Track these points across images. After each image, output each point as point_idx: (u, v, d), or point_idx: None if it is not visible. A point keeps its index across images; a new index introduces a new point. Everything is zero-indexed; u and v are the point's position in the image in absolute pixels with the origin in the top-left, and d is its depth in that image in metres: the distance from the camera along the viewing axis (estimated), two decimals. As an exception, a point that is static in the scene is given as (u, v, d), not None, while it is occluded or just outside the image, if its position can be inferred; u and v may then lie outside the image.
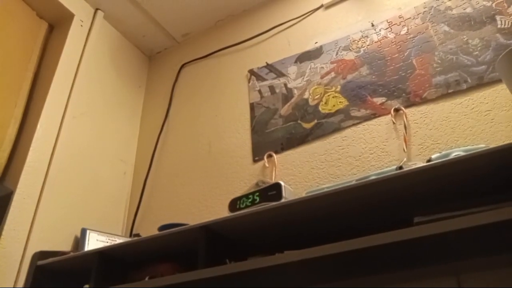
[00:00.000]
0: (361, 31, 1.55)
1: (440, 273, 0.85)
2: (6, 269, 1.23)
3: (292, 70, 1.64)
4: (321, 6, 1.73)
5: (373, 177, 0.91)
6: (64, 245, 1.41)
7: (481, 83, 1.21)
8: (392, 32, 1.48)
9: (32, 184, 1.38)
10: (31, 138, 1.43)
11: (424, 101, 1.29)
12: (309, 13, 1.75)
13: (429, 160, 0.95)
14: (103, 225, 1.57)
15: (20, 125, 1.49)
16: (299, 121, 1.50)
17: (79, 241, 1.42)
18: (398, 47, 1.43)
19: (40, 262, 1.26)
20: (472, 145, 1.10)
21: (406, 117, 1.29)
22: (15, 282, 1.23)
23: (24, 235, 1.31)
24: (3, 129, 1.42)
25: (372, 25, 1.54)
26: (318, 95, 1.52)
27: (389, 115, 1.33)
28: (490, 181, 0.86)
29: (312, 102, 1.52)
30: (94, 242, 1.41)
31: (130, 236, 1.60)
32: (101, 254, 1.20)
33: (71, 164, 1.55)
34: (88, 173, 1.62)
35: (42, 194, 1.39)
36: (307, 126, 1.48)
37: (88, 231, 1.43)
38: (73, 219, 1.48)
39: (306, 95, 1.55)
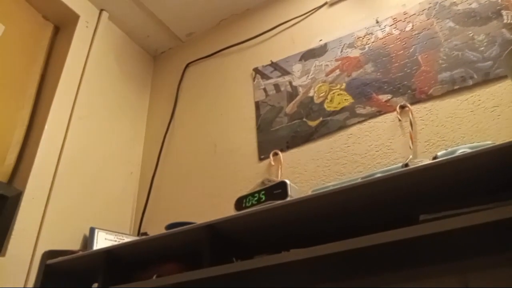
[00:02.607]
0: (365, 28, 1.55)
1: (446, 271, 0.84)
2: (17, 269, 1.25)
3: (297, 68, 1.64)
4: (325, 3, 1.73)
5: (378, 175, 0.91)
6: (73, 244, 1.43)
7: (487, 79, 1.20)
8: (397, 29, 1.47)
9: (41, 184, 1.40)
10: (38, 139, 1.45)
11: (430, 97, 1.28)
12: (313, 11, 1.75)
13: (435, 157, 0.95)
14: (111, 224, 1.58)
15: (28, 126, 1.50)
16: (304, 119, 1.51)
17: (88, 240, 1.43)
18: (403, 43, 1.42)
19: (49, 261, 1.28)
20: (479, 142, 1.09)
21: (411, 114, 1.29)
22: (25, 281, 1.25)
23: (33, 235, 1.32)
24: (10, 131, 1.44)
25: (377, 22, 1.53)
26: (323, 93, 1.51)
27: (395, 112, 1.32)
28: (497, 178, 0.86)
29: (317, 100, 1.51)
30: (103, 241, 1.43)
31: (138, 234, 1.62)
32: (109, 253, 1.21)
33: (78, 165, 1.57)
34: (95, 173, 1.63)
35: (50, 194, 1.41)
36: (312, 124, 1.48)
37: (96, 230, 1.44)
38: (81, 219, 1.50)
39: (311, 93, 1.55)
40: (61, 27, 1.80)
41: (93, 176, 1.62)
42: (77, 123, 1.61)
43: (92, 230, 1.44)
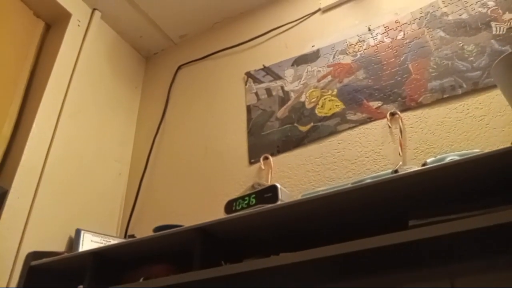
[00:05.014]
0: (358, 35, 1.56)
1: (434, 276, 0.85)
2: (0, 269, 1.22)
3: (289, 73, 1.65)
4: (319, 10, 1.74)
5: (368, 181, 0.91)
6: (58, 245, 1.40)
7: (476, 89, 1.23)
8: (389, 37, 1.49)
9: (27, 183, 1.37)
10: (26, 137, 1.43)
11: (420, 105, 1.30)
12: (306, 17, 1.76)
13: (424, 164, 0.96)
14: (98, 226, 1.56)
15: (15, 123, 1.48)
16: (295, 124, 1.51)
17: (73, 241, 1.41)
18: (395, 51, 1.44)
19: (33, 263, 1.25)
20: (467, 150, 1.11)
21: (401, 121, 1.30)
22: (8, 282, 1.22)
23: (18, 235, 1.30)
24: (-2, 128, 1.41)
25: (369, 30, 1.55)
26: (315, 98, 1.52)
27: (385, 119, 1.34)
28: (485, 185, 0.87)
29: (308, 105, 1.52)
30: (89, 242, 1.40)
31: (125, 237, 1.60)
32: (96, 254, 1.19)
33: (66, 164, 1.54)
34: (83, 174, 1.61)
35: (36, 194, 1.38)
36: (303, 129, 1.48)
37: (82, 232, 1.42)
38: (67, 220, 1.48)
39: (302, 98, 1.55)
40: (53, 25, 1.78)
41: (81, 177, 1.60)
42: (66, 121, 1.59)
43: (78, 232, 1.42)
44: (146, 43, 2.13)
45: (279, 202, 1.03)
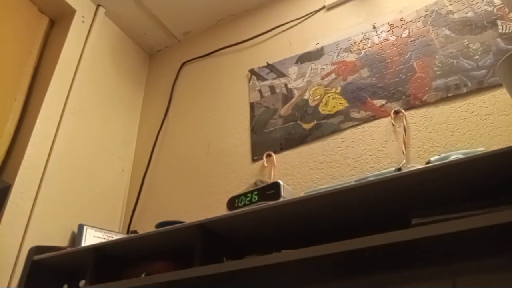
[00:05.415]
0: (362, 33, 1.56)
1: (436, 275, 0.85)
2: (2, 263, 1.22)
3: (293, 70, 1.65)
4: (323, 7, 1.73)
5: (371, 179, 0.91)
6: (61, 240, 1.41)
7: (481, 88, 1.22)
8: (393, 35, 1.48)
9: (30, 178, 1.38)
10: (30, 132, 1.43)
11: (424, 104, 1.29)
12: (310, 14, 1.75)
13: (428, 163, 0.95)
14: (101, 222, 1.57)
15: (19, 119, 1.48)
16: (298, 122, 1.51)
17: (76, 236, 1.42)
18: (399, 49, 1.43)
19: (36, 257, 1.26)
20: (471, 149, 1.10)
21: (405, 120, 1.29)
22: (11, 276, 1.23)
23: (21, 229, 1.30)
24: (1, 123, 1.42)
25: (374, 27, 1.54)
26: (318, 96, 1.52)
27: (389, 117, 1.33)
28: (488, 184, 0.87)
29: (312, 103, 1.52)
30: (91, 238, 1.41)
31: (127, 233, 1.60)
32: (98, 250, 1.19)
33: (69, 160, 1.55)
34: (86, 169, 1.62)
35: (40, 189, 1.39)
36: (307, 126, 1.48)
37: (85, 227, 1.42)
38: (70, 215, 1.48)
39: (306, 96, 1.55)
40: (57, 21, 1.78)
41: (84, 172, 1.60)
42: (70, 118, 1.59)
43: (80, 227, 1.42)
44: (150, 40, 2.13)
45: (281, 199, 1.03)
